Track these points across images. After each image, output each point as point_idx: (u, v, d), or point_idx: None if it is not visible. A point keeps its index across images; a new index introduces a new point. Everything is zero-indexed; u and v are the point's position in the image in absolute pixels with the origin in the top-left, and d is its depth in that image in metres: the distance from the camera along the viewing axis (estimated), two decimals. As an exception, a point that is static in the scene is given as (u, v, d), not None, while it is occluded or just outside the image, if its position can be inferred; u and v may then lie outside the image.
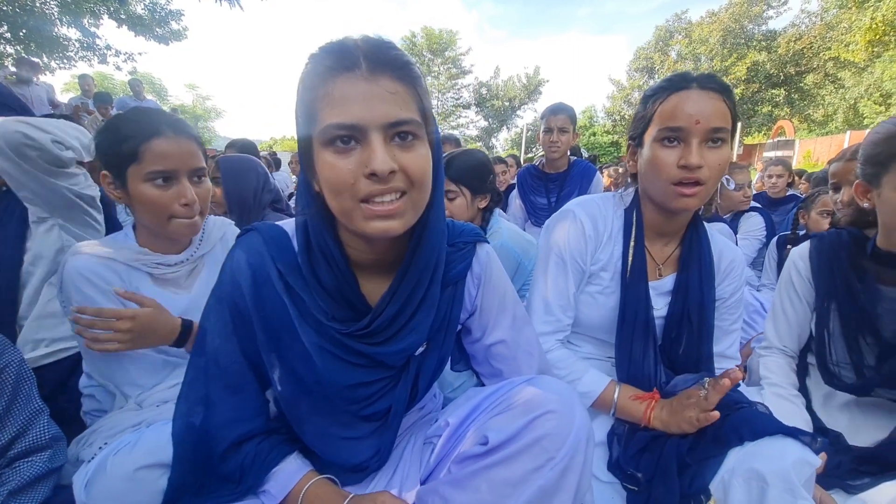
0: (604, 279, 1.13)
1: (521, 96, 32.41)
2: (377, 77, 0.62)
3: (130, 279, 1.08)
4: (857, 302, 1.08)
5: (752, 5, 25.08)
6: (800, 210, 2.34)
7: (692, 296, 1.10)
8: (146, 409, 1.00)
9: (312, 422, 0.80)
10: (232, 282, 0.75)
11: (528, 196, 2.88)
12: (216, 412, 0.75)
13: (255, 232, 0.78)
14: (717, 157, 0.95)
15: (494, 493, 0.65)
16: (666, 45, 28.94)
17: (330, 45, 0.65)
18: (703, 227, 1.14)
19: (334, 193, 0.65)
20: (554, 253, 1.13)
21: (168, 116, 1.09)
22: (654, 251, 1.14)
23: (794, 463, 0.80)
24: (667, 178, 0.97)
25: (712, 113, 0.93)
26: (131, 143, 1.01)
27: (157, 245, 1.12)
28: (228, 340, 0.76)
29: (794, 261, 1.23)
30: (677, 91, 0.98)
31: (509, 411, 0.71)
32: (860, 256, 1.11)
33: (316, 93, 0.63)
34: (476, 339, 0.93)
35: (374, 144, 0.61)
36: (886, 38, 9.59)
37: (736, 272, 1.16)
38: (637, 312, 1.09)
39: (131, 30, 10.56)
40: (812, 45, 23.60)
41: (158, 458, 0.76)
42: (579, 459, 0.66)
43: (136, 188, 1.03)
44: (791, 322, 1.23)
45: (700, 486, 0.86)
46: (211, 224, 1.26)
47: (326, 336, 0.74)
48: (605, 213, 1.15)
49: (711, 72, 1.36)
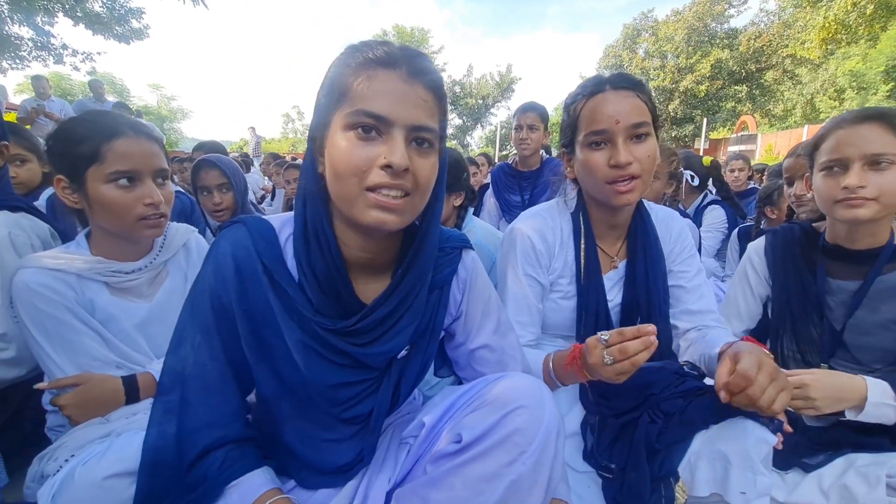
0: (563, 284, 1.17)
1: (495, 94, 32.60)
2: (414, 82, 0.66)
3: (84, 290, 1.04)
4: (809, 295, 1.15)
5: (715, 4, 25.91)
6: (761, 204, 2.44)
7: (639, 284, 1.14)
8: (114, 420, 0.97)
9: (294, 423, 0.79)
10: (216, 275, 0.73)
11: (501, 194, 2.92)
12: (191, 414, 0.72)
13: (240, 224, 0.76)
14: (645, 149, 1.00)
15: (469, 489, 0.66)
16: (634, 42, 29.59)
17: (374, 42, 0.68)
18: (647, 215, 1.18)
19: (341, 176, 0.66)
20: (509, 277, 1.16)
21: (126, 118, 1.07)
22: (605, 246, 1.18)
23: (754, 442, 0.85)
24: (602, 178, 1.02)
25: (630, 110, 0.99)
26: (90, 144, 0.98)
27: (114, 252, 1.08)
28: (209, 336, 0.74)
29: (749, 256, 1.29)
30: (593, 96, 1.03)
31: (482, 409, 0.72)
32: (812, 251, 1.18)
33: (353, 78, 0.66)
34: (460, 344, 0.94)
35: (396, 140, 0.65)
36: (838, 37, 10.08)
37: (684, 238, 1.21)
38: (592, 304, 1.13)
39: (89, 28, 10.13)
40: (771, 42, 24.56)
41: (128, 465, 0.74)
42: (550, 452, 0.68)
43: (97, 190, 1.00)
44: (742, 314, 1.30)
45: (669, 469, 0.90)
46: (173, 230, 1.22)
47: (310, 332, 0.73)
48: (553, 223, 1.19)
49: (622, 71, 1.43)
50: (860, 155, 1.00)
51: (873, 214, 1.00)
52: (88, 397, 0.96)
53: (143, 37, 10.91)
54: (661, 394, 0.98)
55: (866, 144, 0.99)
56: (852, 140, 1.01)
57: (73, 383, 0.96)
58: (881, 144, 0.98)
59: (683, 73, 26.38)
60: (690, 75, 25.93)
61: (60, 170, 1.03)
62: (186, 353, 0.73)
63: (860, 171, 1.00)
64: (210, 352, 0.74)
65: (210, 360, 0.74)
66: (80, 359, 1.00)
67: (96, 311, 1.05)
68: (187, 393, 0.73)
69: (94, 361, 1.01)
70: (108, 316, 1.06)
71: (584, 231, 1.16)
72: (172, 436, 0.72)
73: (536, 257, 1.15)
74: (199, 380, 0.73)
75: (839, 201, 1.03)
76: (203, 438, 0.72)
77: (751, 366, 0.78)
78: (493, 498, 0.65)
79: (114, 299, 1.08)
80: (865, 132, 1.00)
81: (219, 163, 1.89)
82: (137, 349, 1.10)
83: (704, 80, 25.66)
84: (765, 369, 0.78)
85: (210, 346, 0.74)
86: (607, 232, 1.18)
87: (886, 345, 1.05)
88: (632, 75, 1.06)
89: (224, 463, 0.73)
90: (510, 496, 0.65)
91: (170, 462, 0.71)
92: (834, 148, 1.04)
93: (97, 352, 1.02)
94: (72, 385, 0.96)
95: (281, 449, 0.81)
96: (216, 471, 0.72)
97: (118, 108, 6.93)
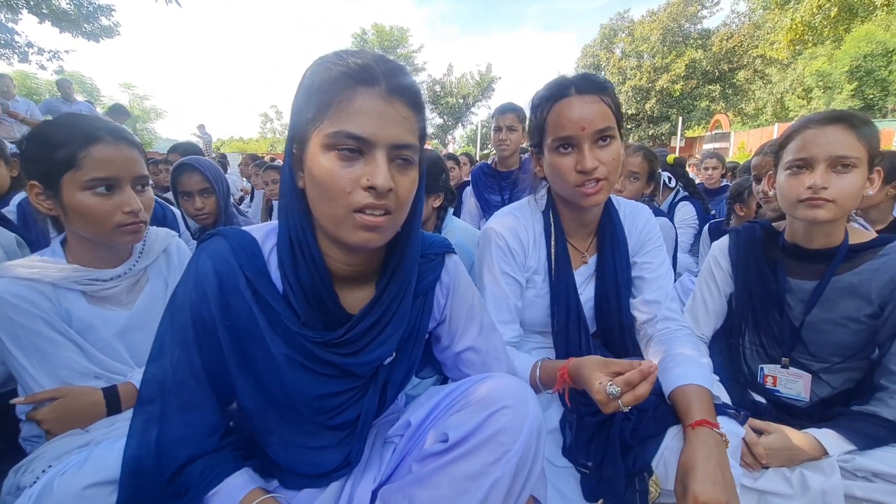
0: (537, 282, 1.20)
1: (475, 93, 32.70)
2: (394, 99, 0.65)
3: (61, 300, 1.01)
4: (770, 293, 1.19)
5: (688, 5, 26.51)
6: (731, 201, 2.51)
7: (608, 277, 1.18)
8: (92, 430, 0.95)
9: (279, 432, 0.79)
10: (197, 290, 0.72)
11: (482, 194, 2.95)
12: (169, 429, 0.72)
13: (220, 237, 0.75)
14: (609, 153, 1.03)
15: (455, 487, 0.68)
16: (611, 42, 30.04)
17: (349, 54, 0.67)
18: (615, 211, 1.22)
19: (327, 198, 0.66)
20: (487, 277, 1.18)
21: (105, 122, 1.04)
22: (575, 243, 1.22)
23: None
24: (570, 182, 1.04)
25: (595, 117, 1.01)
26: (67, 150, 0.95)
27: (91, 260, 1.06)
28: (189, 351, 0.73)
29: (714, 255, 1.33)
30: (558, 101, 1.04)
31: (467, 408, 0.74)
32: (773, 250, 1.22)
33: (331, 95, 0.64)
34: (445, 347, 0.95)
35: (378, 161, 0.64)
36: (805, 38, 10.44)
37: (649, 230, 1.23)
38: (563, 299, 1.16)
39: (56, 26, 9.77)
40: (742, 43, 25.25)
41: (108, 475, 0.73)
42: (532, 450, 0.70)
43: (73, 197, 0.97)
44: (710, 312, 1.33)
45: (643, 465, 0.93)
46: (153, 235, 1.20)
47: (296, 346, 0.73)
48: (525, 222, 1.21)
49: (586, 71, 1.46)
50: (825, 156, 1.02)
51: (832, 216, 1.03)
52: (68, 411, 0.94)
53: (114, 35, 10.58)
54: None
55: (832, 146, 1.01)
56: (819, 141, 1.03)
57: (51, 397, 0.94)
58: (845, 147, 1.01)
59: (659, 73, 26.91)
60: (666, 75, 26.47)
61: (34, 175, 1.00)
62: (166, 365, 0.73)
63: (824, 172, 1.02)
64: (189, 367, 0.73)
65: (190, 375, 0.73)
66: (58, 371, 0.97)
67: (73, 321, 1.02)
68: (167, 407, 0.72)
69: (73, 373, 0.99)
70: (87, 326, 1.04)
71: (555, 229, 1.19)
72: (153, 445, 0.71)
73: (512, 255, 1.17)
74: (178, 395, 0.73)
75: (802, 201, 1.05)
76: (181, 453, 0.72)
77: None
78: (477, 496, 0.67)
79: (92, 308, 1.06)
80: (832, 134, 1.02)
81: (201, 166, 1.83)
82: (117, 359, 1.08)
83: (679, 80, 26.22)
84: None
85: (189, 361, 0.73)
86: (577, 229, 1.21)
87: (841, 340, 1.10)
88: (596, 77, 1.09)
89: (203, 472, 0.72)
90: (494, 494, 0.67)
91: (151, 471, 0.71)
92: (800, 147, 1.06)
93: (76, 363, 1.00)
94: (49, 399, 0.94)
95: (264, 454, 0.81)
96: (196, 480, 0.72)
97: (114, 111, 6.63)
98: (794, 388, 1.16)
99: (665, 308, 1.16)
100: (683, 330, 1.14)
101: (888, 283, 1.04)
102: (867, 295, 1.06)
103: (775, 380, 1.19)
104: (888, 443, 0.97)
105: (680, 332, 1.13)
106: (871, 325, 1.07)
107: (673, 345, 1.08)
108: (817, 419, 1.07)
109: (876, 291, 1.05)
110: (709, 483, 0.78)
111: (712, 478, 0.79)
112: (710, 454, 0.82)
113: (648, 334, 1.17)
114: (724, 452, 0.84)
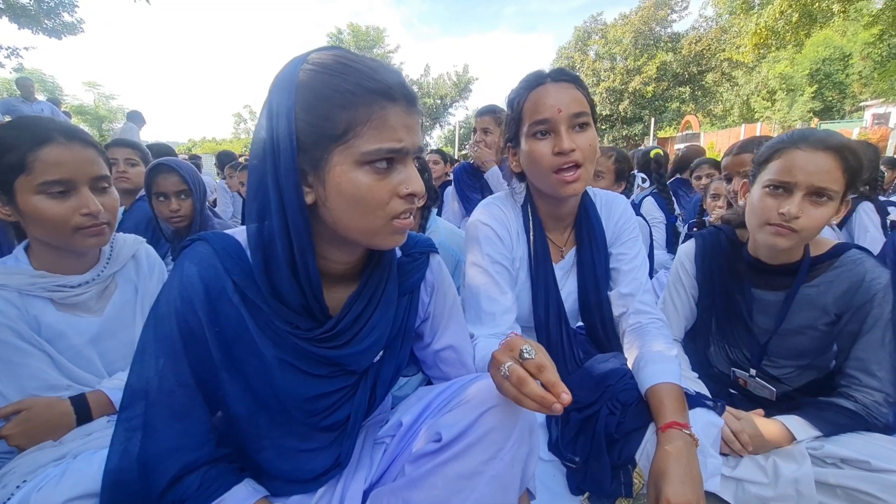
0: (521, 276, 1.21)
1: (453, 94, 32.81)
2: (412, 110, 0.69)
3: (28, 308, 0.97)
4: (734, 305, 1.22)
5: (659, 9, 27.22)
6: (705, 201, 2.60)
7: (587, 270, 1.20)
8: (68, 442, 0.91)
9: (270, 437, 0.77)
10: (182, 297, 0.69)
11: (464, 193, 2.97)
12: (158, 440, 0.69)
13: (203, 242, 0.72)
14: (586, 139, 1.06)
15: (450, 487, 0.68)
16: (585, 44, 30.58)
17: (360, 67, 0.65)
18: (591, 204, 1.24)
19: (362, 212, 0.66)
20: (477, 269, 1.17)
21: (58, 123, 1.00)
22: (554, 237, 1.24)
23: (703, 426, 0.92)
24: (547, 167, 1.06)
25: (570, 101, 1.04)
26: (16, 153, 0.92)
27: (57, 265, 1.02)
28: (176, 361, 0.70)
29: (681, 260, 1.35)
30: (535, 88, 1.08)
31: (459, 407, 0.74)
32: (737, 262, 1.23)
33: (363, 114, 0.63)
34: (426, 345, 0.96)
35: (410, 168, 0.68)
36: (769, 42, 10.85)
37: (625, 221, 1.25)
38: (542, 293, 1.18)
39: (14, 21, 9.30)
40: (710, 46, 26.08)
41: (88, 488, 0.71)
42: (525, 447, 0.71)
43: (27, 202, 0.94)
44: (680, 313, 1.36)
45: (627, 457, 0.96)
46: (121, 241, 1.16)
47: (287, 347, 0.72)
48: (507, 213, 1.23)
49: (562, 66, 1.50)
50: (807, 185, 1.00)
51: (791, 245, 1.05)
52: (34, 424, 0.90)
53: (77, 31, 10.13)
54: (617, 385, 1.04)
55: (815, 176, 0.99)
56: (806, 167, 1.00)
57: (15, 410, 0.90)
58: (829, 179, 0.99)
59: (632, 75, 27.54)
60: (638, 77, 27.11)
61: None
62: (150, 375, 0.70)
63: (801, 200, 1.01)
64: (177, 376, 0.70)
65: (178, 385, 0.70)
66: (26, 383, 0.94)
67: (42, 328, 0.99)
68: (153, 418, 0.69)
69: (42, 385, 0.95)
70: (56, 333, 1.00)
71: (533, 223, 1.20)
72: (136, 456, 0.69)
73: (501, 242, 1.18)
74: (167, 406, 0.70)
75: (771, 224, 1.04)
76: (174, 464, 0.69)
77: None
78: (472, 495, 0.67)
79: (61, 315, 1.02)
80: (820, 161, 0.99)
81: (178, 168, 1.78)
82: (89, 367, 1.04)
83: (651, 82, 26.90)
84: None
85: (177, 370, 0.70)
86: (555, 223, 1.23)
87: (800, 346, 1.15)
88: (570, 70, 1.11)
89: (202, 484, 0.70)
90: (488, 492, 0.68)
91: (134, 483, 0.68)
92: (785, 170, 1.03)
93: (45, 374, 0.96)
94: (13, 413, 0.90)
95: (252, 463, 0.79)
96: (195, 493, 0.69)
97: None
98: (763, 392, 1.20)
99: (637, 301, 1.18)
100: (655, 323, 1.16)
101: (843, 293, 1.07)
102: (824, 306, 1.10)
103: (745, 382, 1.23)
104: (852, 430, 1.01)
105: (651, 325, 1.15)
106: (829, 332, 1.11)
107: (644, 340, 1.11)
108: (786, 409, 1.11)
109: (832, 301, 1.09)
110: (679, 485, 0.81)
111: (682, 479, 0.82)
112: (679, 456, 0.85)
113: (622, 328, 1.19)
114: (693, 453, 0.87)
